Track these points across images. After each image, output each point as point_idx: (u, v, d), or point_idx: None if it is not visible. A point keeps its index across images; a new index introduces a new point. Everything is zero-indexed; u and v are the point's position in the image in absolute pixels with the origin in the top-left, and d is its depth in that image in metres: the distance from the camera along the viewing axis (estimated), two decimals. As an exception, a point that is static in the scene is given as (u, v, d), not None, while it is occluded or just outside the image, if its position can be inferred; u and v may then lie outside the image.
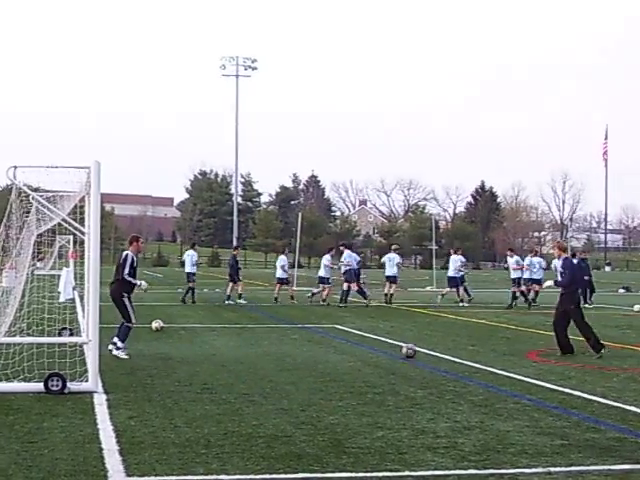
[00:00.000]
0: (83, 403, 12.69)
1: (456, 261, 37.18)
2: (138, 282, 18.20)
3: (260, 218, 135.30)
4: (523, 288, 35.88)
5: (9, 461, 9.33)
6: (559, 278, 18.99)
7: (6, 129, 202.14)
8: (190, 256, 37.04)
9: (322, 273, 36.81)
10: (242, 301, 36.14)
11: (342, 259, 36.81)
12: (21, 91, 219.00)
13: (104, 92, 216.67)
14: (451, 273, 37.34)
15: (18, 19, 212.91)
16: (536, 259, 36.75)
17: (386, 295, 37.02)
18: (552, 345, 19.41)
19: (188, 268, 36.72)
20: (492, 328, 25.90)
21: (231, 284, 36.81)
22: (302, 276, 51.31)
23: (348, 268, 35.79)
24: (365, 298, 35.37)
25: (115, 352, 17.67)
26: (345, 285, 35.48)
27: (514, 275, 35.98)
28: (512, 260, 36.64)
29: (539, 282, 34.76)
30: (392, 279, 37.51)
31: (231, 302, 35.56)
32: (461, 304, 35.81)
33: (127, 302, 17.91)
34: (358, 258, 37.99)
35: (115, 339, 17.85)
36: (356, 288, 35.49)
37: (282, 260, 38.27)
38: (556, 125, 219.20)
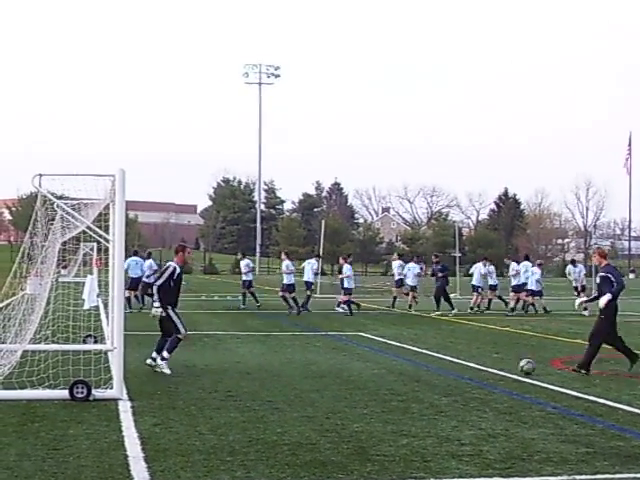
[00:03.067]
0: (108, 410, 12.73)
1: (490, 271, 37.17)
2: (154, 310, 16.80)
3: (283, 225, 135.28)
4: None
5: (35, 468, 9.36)
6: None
7: (32, 138, 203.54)
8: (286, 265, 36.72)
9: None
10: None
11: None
12: (48, 100, 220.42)
13: (129, 101, 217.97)
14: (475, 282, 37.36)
15: (44, 29, 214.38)
16: (536, 269, 36.93)
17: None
18: (576, 353, 19.30)
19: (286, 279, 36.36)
20: (516, 335, 25.82)
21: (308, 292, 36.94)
22: (325, 284, 51.35)
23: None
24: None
25: (160, 362, 16.65)
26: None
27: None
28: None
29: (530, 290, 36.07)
30: (412, 288, 37.76)
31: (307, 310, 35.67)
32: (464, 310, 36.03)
33: (172, 313, 16.97)
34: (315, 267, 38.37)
35: (164, 353, 16.71)
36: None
37: (311, 264, 38.21)
38: (580, 132, 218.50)
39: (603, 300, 17.49)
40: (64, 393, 13.41)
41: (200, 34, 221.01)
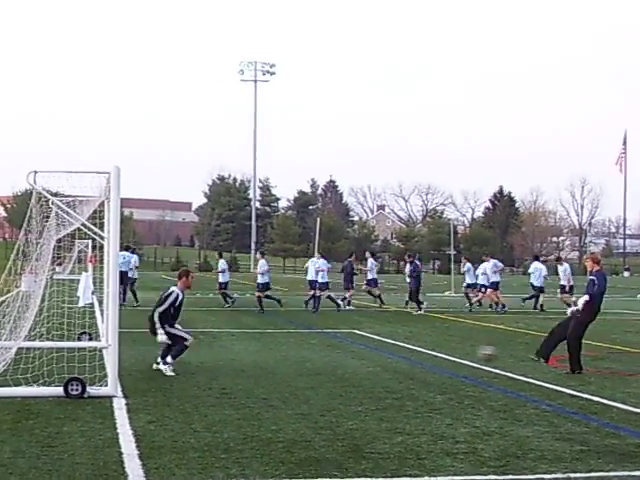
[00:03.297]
0: (103, 407, 12.72)
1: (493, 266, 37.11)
2: (159, 336, 16.41)
3: (278, 223, 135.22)
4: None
5: (29, 465, 9.36)
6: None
7: (26, 134, 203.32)
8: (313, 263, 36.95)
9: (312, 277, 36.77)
10: (350, 307, 36.19)
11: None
12: (44, 98, 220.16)
13: (124, 98, 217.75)
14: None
15: (40, 24, 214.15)
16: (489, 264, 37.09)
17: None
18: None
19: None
20: (511, 333, 25.84)
21: (351, 290, 36.96)
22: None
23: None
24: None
25: (162, 367, 16.42)
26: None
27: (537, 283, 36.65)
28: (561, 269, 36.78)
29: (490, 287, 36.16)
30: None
31: (351, 308, 35.73)
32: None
33: (172, 330, 16.58)
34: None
35: (168, 358, 16.43)
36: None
37: (316, 263, 38.18)
38: (575, 130, 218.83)
39: (581, 301, 17.53)
40: (59, 390, 13.41)
41: (196, 31, 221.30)
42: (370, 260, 38.73)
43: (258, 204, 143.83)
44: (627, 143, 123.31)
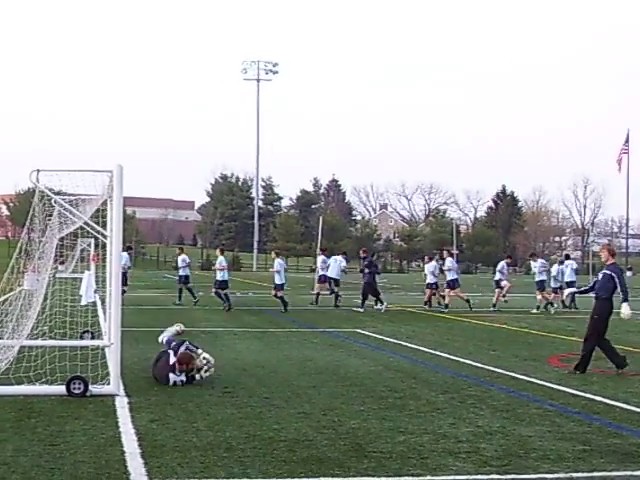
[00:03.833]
0: (105, 406, 12.72)
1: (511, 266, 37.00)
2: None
3: (281, 222, 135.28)
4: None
5: (31, 464, 9.36)
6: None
7: (29, 133, 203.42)
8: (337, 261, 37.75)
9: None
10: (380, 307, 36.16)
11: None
12: (46, 96, 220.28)
13: (127, 97, 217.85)
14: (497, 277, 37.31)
15: (43, 23, 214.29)
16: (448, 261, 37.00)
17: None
18: (574, 350, 19.31)
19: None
20: (513, 333, 25.83)
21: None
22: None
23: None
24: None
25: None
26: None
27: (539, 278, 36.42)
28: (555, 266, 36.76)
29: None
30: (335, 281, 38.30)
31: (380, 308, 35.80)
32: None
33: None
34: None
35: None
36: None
37: (338, 261, 38.39)
38: (578, 130, 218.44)
39: (624, 308, 17.35)
40: (61, 389, 13.41)
41: (199, 30, 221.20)
42: (277, 261, 38.23)
43: (261, 203, 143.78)
44: (629, 143, 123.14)
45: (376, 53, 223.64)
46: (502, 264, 37.71)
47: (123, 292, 32.95)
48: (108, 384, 13.69)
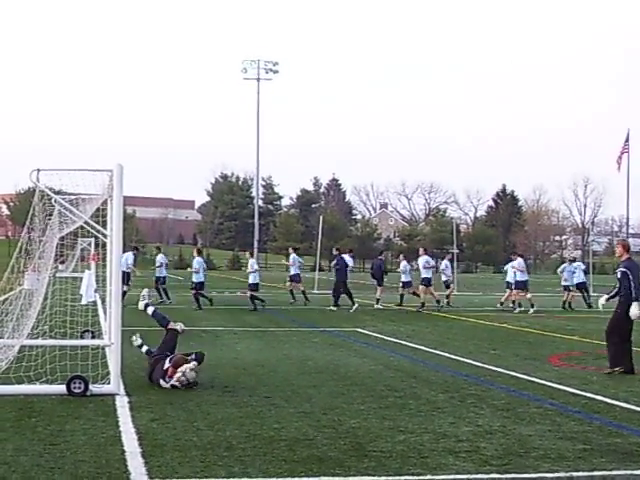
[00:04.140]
0: (105, 405, 12.72)
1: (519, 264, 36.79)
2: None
3: (281, 221, 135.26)
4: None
5: (32, 463, 9.36)
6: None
7: (29, 132, 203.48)
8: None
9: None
10: (379, 306, 36.24)
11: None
12: (44, 94, 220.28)
13: (127, 96, 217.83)
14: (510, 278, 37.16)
15: (43, 23, 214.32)
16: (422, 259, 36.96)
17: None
18: (574, 349, 19.32)
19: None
20: (513, 332, 25.83)
21: (380, 288, 37.04)
22: (323, 279, 51.42)
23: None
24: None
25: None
26: None
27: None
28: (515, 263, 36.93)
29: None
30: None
31: (379, 307, 35.93)
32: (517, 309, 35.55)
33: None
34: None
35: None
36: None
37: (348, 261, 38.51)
38: (578, 129, 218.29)
39: (634, 307, 16.83)
40: (61, 388, 13.40)
41: (199, 29, 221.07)
42: (293, 256, 38.84)
43: (261, 202, 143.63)
44: (630, 142, 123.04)
45: (376, 53, 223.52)
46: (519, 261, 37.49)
47: (124, 293, 33.10)
48: (108, 383, 13.69)
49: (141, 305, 16.47)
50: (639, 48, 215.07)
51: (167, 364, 14.66)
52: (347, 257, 38.82)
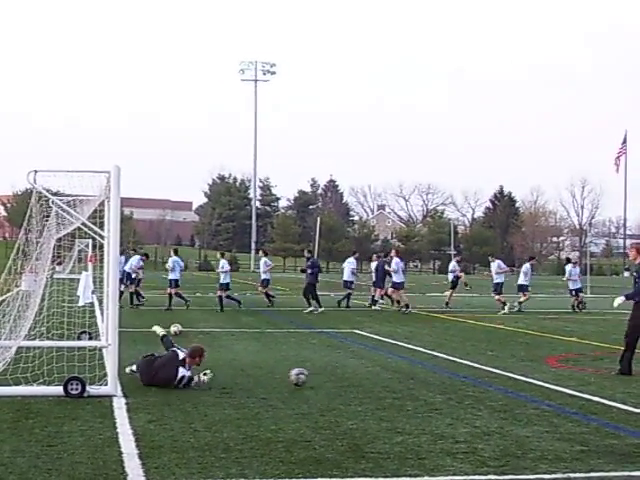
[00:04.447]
0: (102, 407, 12.72)
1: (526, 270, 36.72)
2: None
3: (278, 223, 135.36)
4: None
5: (29, 464, 9.35)
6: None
7: (26, 133, 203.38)
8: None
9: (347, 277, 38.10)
10: (378, 307, 36.40)
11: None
12: (41, 95, 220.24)
13: (123, 97, 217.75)
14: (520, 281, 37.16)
15: (42, 23, 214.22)
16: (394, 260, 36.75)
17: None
18: (571, 351, 19.32)
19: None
20: (511, 333, 25.83)
21: (379, 290, 37.07)
22: (323, 280, 51.38)
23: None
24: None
25: None
26: None
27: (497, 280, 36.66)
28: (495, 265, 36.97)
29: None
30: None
31: (377, 307, 36.20)
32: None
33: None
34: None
35: None
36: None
37: (352, 263, 38.49)
38: (575, 130, 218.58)
39: (617, 301, 17.29)
40: (58, 389, 13.40)
41: (196, 31, 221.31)
42: (264, 259, 38.62)
43: (258, 204, 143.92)
44: (627, 143, 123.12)
45: (374, 54, 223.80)
46: (527, 266, 37.36)
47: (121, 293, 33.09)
48: (106, 385, 13.69)
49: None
50: (637, 49, 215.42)
51: (182, 355, 14.74)
52: (352, 259, 38.86)
